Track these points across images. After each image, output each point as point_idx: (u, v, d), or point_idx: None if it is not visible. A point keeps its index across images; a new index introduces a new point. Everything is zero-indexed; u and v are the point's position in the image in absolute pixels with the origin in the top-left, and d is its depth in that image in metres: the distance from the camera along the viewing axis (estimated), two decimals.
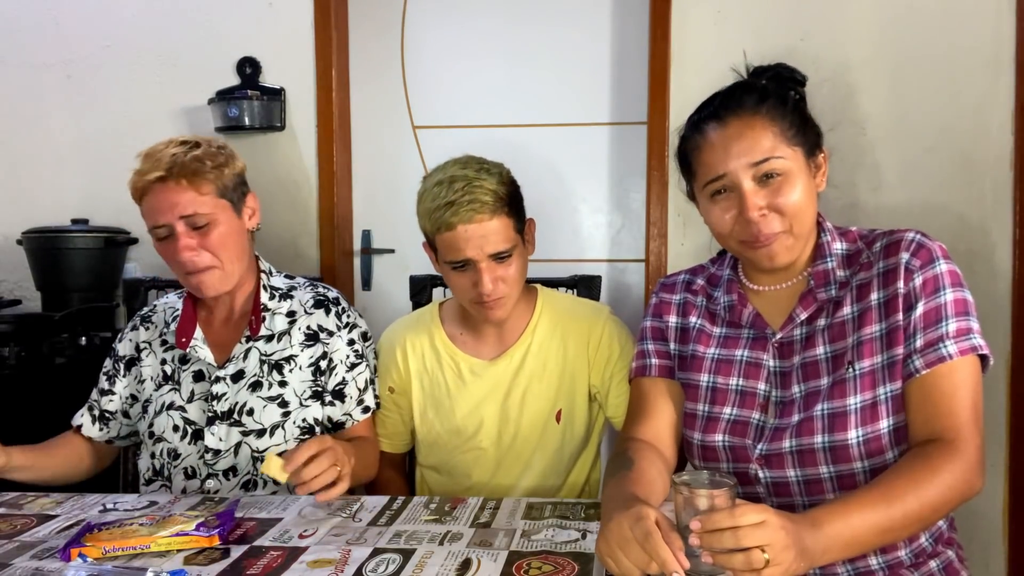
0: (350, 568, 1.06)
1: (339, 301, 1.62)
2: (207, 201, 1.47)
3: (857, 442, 1.17)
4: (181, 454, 1.55)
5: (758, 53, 2.31)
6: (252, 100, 2.48)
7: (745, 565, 0.90)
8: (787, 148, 1.20)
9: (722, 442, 1.26)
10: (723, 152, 1.21)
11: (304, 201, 2.56)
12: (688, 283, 1.41)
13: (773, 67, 1.29)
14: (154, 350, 1.62)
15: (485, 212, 1.42)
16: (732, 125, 1.21)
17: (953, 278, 1.19)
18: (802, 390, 1.23)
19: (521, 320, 1.59)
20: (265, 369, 1.55)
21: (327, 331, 1.58)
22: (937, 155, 2.29)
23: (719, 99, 1.26)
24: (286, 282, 1.64)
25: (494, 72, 2.62)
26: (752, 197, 1.19)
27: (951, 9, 2.27)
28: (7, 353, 2.17)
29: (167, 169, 1.45)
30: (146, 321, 1.66)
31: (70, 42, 2.61)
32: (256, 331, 1.56)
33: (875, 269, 1.23)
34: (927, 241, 1.22)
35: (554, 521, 1.22)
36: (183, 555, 1.11)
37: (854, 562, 1.22)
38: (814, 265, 1.27)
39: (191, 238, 1.47)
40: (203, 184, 1.47)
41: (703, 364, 1.33)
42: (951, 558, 1.26)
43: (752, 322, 1.30)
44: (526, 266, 1.54)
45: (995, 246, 2.27)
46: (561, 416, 1.56)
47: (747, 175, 1.20)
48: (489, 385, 1.57)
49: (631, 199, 2.60)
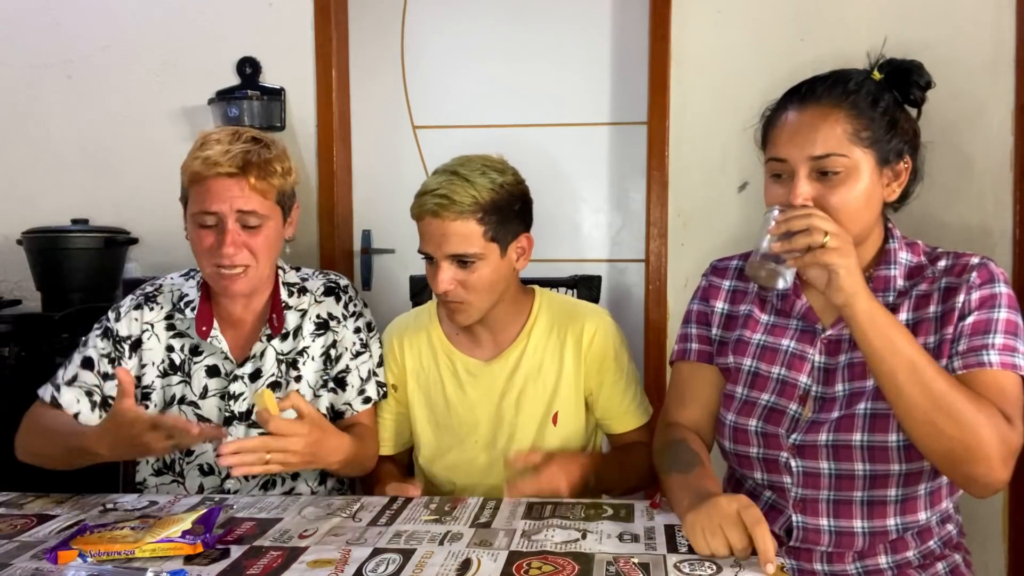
0: (350, 568, 1.06)
1: (348, 289, 1.62)
2: (265, 204, 1.46)
3: (898, 445, 1.17)
4: (195, 451, 1.53)
5: (758, 53, 2.34)
6: (252, 100, 2.48)
7: (806, 243, 1.10)
8: (856, 148, 1.19)
9: (755, 427, 1.27)
10: (791, 137, 1.21)
11: (304, 201, 2.55)
12: (741, 269, 1.40)
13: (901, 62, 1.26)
14: (157, 333, 1.56)
15: (451, 211, 1.41)
16: (808, 112, 1.21)
17: (1010, 301, 1.20)
18: (846, 389, 1.23)
19: (517, 322, 1.58)
20: (283, 368, 1.54)
21: (336, 318, 1.58)
22: (937, 155, 2.28)
23: (811, 82, 1.24)
24: (298, 275, 1.63)
25: (494, 72, 2.62)
26: (801, 186, 1.19)
27: (951, 9, 2.27)
28: (7, 353, 2.17)
29: (240, 166, 1.42)
30: (151, 300, 1.59)
31: (70, 42, 2.61)
32: (278, 330, 1.54)
33: (937, 284, 1.23)
34: (991, 265, 1.22)
35: (554, 521, 1.22)
36: (181, 556, 1.11)
37: (863, 560, 1.23)
38: (877, 269, 1.26)
39: (239, 233, 1.44)
40: (269, 188, 1.46)
41: (747, 348, 1.33)
42: (958, 562, 1.26)
43: (803, 314, 1.30)
44: (502, 278, 1.49)
45: (995, 246, 2.27)
46: (558, 419, 1.56)
47: (806, 166, 1.19)
48: (485, 385, 1.57)
49: (631, 199, 2.60)
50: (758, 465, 1.28)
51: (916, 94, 1.26)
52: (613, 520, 1.22)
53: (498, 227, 1.45)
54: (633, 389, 1.58)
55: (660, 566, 1.04)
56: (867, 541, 1.22)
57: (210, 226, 1.45)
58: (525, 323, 1.58)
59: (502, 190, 1.45)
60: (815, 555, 1.25)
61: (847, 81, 1.22)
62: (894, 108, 1.24)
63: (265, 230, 1.47)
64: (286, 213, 1.54)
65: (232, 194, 1.43)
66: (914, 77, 1.25)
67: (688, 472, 1.22)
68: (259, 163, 1.44)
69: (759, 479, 1.29)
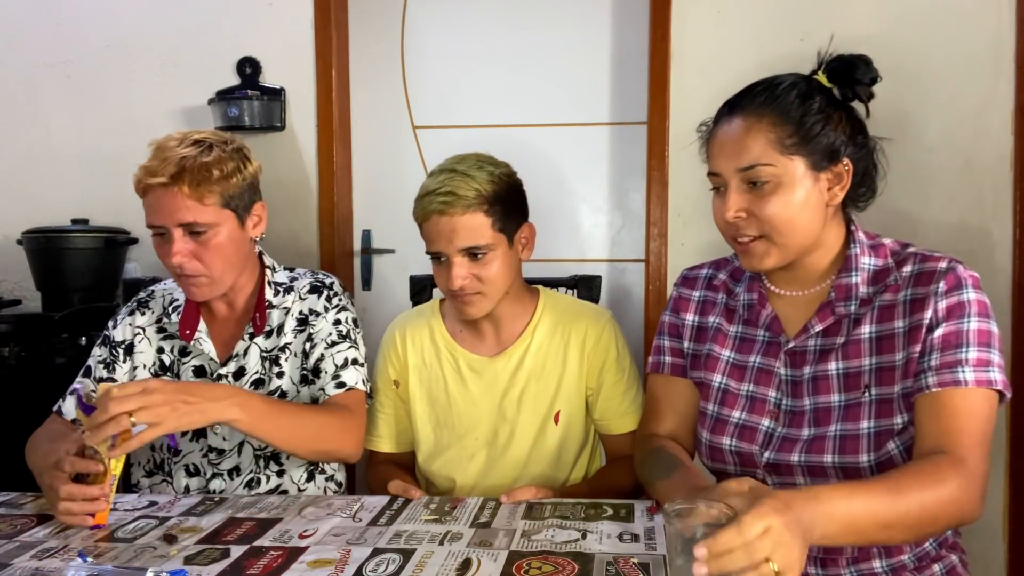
0: (350, 568, 1.06)
1: (334, 286, 1.60)
2: (209, 211, 1.43)
3: (870, 464, 1.17)
4: (183, 451, 1.54)
5: (758, 53, 2.34)
6: (252, 100, 2.48)
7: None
8: (782, 157, 1.17)
9: (729, 446, 1.26)
10: (720, 149, 1.21)
11: (304, 201, 2.55)
12: (710, 279, 1.40)
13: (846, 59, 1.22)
14: (148, 336, 1.58)
15: (458, 206, 1.43)
16: (735, 123, 1.20)
17: (980, 308, 1.15)
18: (812, 403, 1.22)
19: (521, 320, 1.59)
20: (266, 366, 1.54)
21: (315, 313, 1.56)
22: (937, 156, 2.29)
23: (741, 93, 1.24)
24: (288, 275, 1.62)
25: (494, 72, 2.62)
26: (733, 197, 1.19)
27: (951, 10, 2.27)
28: (7, 353, 2.17)
29: (172, 176, 1.39)
30: (143, 306, 1.62)
31: (70, 42, 2.61)
32: (261, 328, 1.54)
33: (902, 295, 1.19)
34: (959, 270, 1.17)
35: (554, 521, 1.22)
36: (183, 555, 1.11)
37: (857, 564, 1.22)
38: (838, 277, 1.23)
39: (186, 244, 1.43)
40: (207, 194, 1.42)
41: (717, 365, 1.33)
42: (954, 563, 1.26)
43: (768, 324, 1.29)
44: (512, 268, 1.52)
45: (995, 246, 2.27)
46: (560, 417, 1.56)
47: (735, 177, 1.19)
48: (487, 383, 1.57)
49: (631, 199, 2.60)
50: None
51: (862, 90, 1.23)
52: (613, 520, 1.22)
53: (503, 217, 1.47)
54: (633, 391, 1.58)
55: (660, 566, 1.04)
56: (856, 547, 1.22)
57: (160, 235, 1.45)
58: (529, 321, 1.58)
59: (501, 181, 1.48)
60: (808, 560, 1.24)
61: (775, 87, 1.20)
62: (826, 108, 1.19)
63: (215, 237, 1.44)
64: (242, 214, 1.49)
65: (172, 206, 1.41)
66: (858, 75, 1.22)
67: (671, 476, 1.21)
68: (193, 169, 1.40)
69: None
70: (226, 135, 1.52)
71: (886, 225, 1.34)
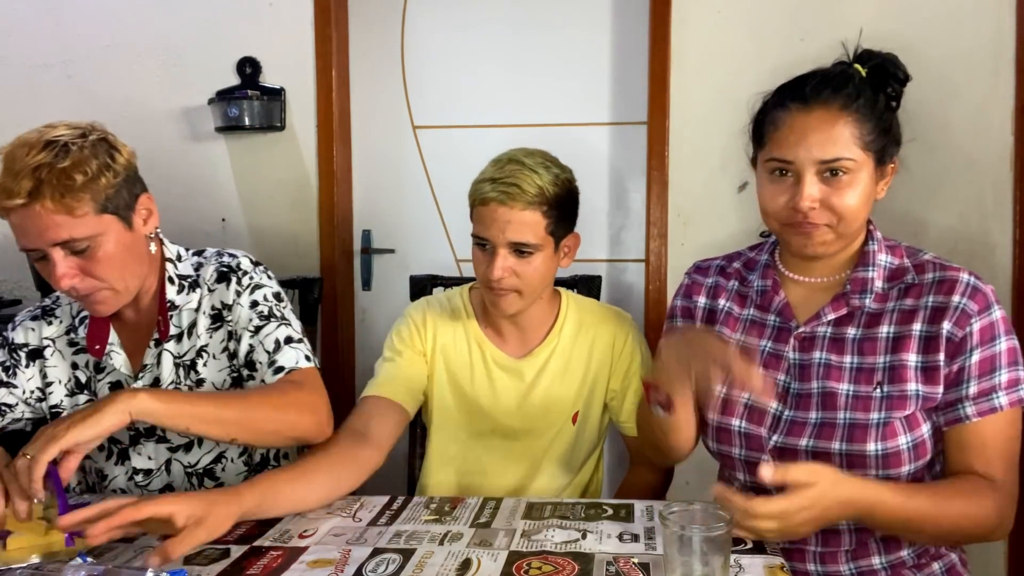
0: (350, 568, 1.06)
1: (242, 266, 1.42)
2: (84, 222, 1.22)
3: (876, 454, 1.18)
4: (108, 475, 1.42)
5: (758, 53, 2.34)
6: (252, 100, 2.48)
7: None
8: (860, 151, 1.18)
9: (738, 427, 1.27)
10: (798, 139, 1.19)
11: (304, 201, 2.55)
12: (722, 268, 1.41)
13: (881, 56, 1.25)
14: (59, 349, 1.42)
15: (520, 200, 1.42)
16: (815, 115, 1.19)
17: (1006, 325, 1.20)
18: (820, 387, 1.23)
19: (546, 322, 1.59)
20: (181, 373, 1.40)
21: (227, 306, 1.39)
22: (937, 155, 2.29)
23: (814, 81, 1.22)
24: (194, 262, 1.44)
25: (494, 72, 2.62)
26: (809, 188, 1.18)
27: (951, 10, 2.28)
28: None
29: (29, 193, 1.18)
30: (48, 314, 1.44)
31: (70, 42, 2.61)
32: (165, 334, 1.38)
33: (924, 300, 1.21)
34: (981, 285, 1.21)
35: (554, 521, 1.22)
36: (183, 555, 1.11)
37: (856, 561, 1.23)
38: (855, 270, 1.26)
39: (70, 263, 1.24)
40: (76, 205, 1.21)
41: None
42: (954, 561, 1.26)
43: (780, 310, 1.30)
44: (550, 272, 1.51)
45: (995, 246, 2.28)
46: (577, 418, 1.57)
47: (813, 168, 1.18)
48: (512, 380, 1.57)
49: (631, 199, 2.60)
50: (740, 466, 1.28)
51: (896, 88, 1.25)
52: (613, 520, 1.22)
53: (558, 222, 1.47)
54: None
55: (660, 566, 1.04)
56: (854, 539, 1.23)
57: (40, 259, 1.26)
58: (554, 323, 1.59)
59: (564, 186, 1.47)
60: (807, 555, 1.25)
61: (850, 82, 1.21)
62: (887, 109, 1.24)
63: (100, 248, 1.25)
64: (126, 214, 1.29)
65: (36, 226, 1.21)
66: (893, 70, 1.24)
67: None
68: (51, 180, 1.19)
69: (743, 480, 1.30)
70: (83, 124, 1.30)
71: (886, 224, 1.34)
